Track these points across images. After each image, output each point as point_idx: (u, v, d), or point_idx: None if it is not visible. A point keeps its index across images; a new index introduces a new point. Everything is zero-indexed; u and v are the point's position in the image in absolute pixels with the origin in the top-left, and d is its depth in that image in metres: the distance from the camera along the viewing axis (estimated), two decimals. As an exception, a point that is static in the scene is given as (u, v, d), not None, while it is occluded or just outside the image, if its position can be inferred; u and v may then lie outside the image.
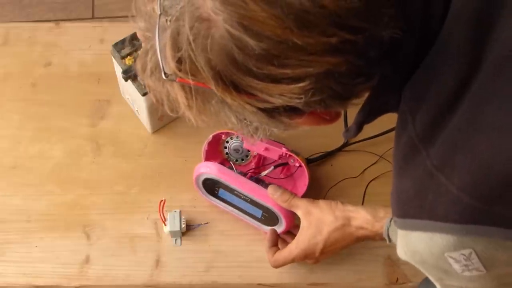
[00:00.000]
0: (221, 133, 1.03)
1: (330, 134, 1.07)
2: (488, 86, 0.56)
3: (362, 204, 1.05)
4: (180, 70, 0.57)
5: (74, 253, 1.02)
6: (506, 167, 0.54)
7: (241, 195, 0.99)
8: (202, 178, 1.01)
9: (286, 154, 1.01)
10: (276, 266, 0.96)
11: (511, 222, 0.56)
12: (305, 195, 0.99)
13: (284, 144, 1.02)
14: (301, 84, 0.55)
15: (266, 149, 1.01)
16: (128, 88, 1.07)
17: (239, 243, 1.03)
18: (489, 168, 0.55)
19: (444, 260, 0.62)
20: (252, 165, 1.05)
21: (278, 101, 0.56)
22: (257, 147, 1.01)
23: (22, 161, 1.10)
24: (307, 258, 0.94)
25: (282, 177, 1.05)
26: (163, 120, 1.12)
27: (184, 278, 1.00)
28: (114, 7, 2.09)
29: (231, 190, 1.00)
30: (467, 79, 0.57)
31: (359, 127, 0.70)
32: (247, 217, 1.02)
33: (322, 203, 0.93)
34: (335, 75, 0.55)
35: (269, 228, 1.00)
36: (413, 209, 0.62)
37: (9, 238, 1.03)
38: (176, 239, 1.02)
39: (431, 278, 0.68)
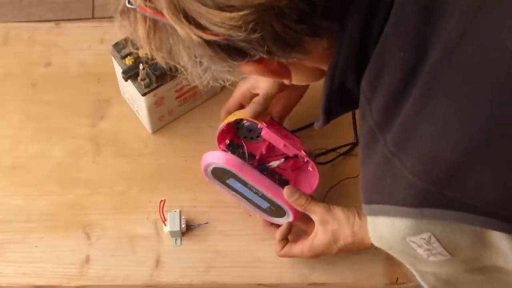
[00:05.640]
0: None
1: (335, 136, 1.08)
2: (435, 76, 0.57)
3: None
4: None
5: (74, 253, 1.02)
6: (451, 154, 0.56)
7: (252, 188, 0.98)
8: (211, 168, 0.98)
9: (304, 159, 1.00)
10: (283, 257, 0.98)
11: (463, 205, 0.57)
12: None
13: (304, 145, 1.00)
14: (242, 13, 0.57)
15: (284, 145, 0.98)
16: (128, 88, 1.07)
17: (239, 243, 1.03)
18: (436, 155, 0.57)
19: (408, 245, 0.63)
20: (263, 148, 1.04)
21: (220, 30, 0.58)
22: (276, 141, 0.99)
23: (22, 161, 1.10)
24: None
25: (290, 169, 1.04)
26: (163, 120, 1.12)
27: (184, 278, 1.00)
28: (114, 7, 2.09)
29: (242, 182, 0.98)
30: (416, 68, 0.58)
31: (325, 115, 0.71)
32: (253, 206, 1.00)
33: (339, 213, 0.92)
34: (275, 11, 0.57)
35: (274, 218, 1.00)
36: (375, 194, 0.64)
37: (9, 238, 1.03)
38: (176, 239, 1.02)
39: (405, 264, 0.70)
